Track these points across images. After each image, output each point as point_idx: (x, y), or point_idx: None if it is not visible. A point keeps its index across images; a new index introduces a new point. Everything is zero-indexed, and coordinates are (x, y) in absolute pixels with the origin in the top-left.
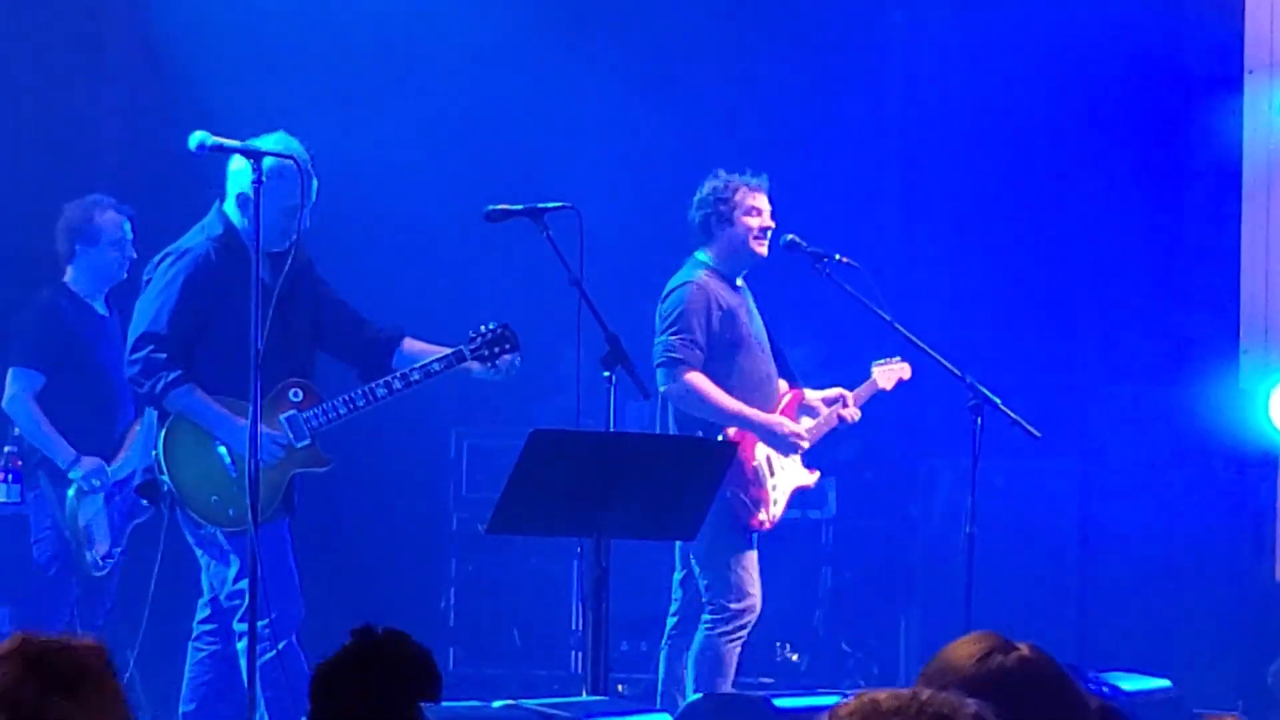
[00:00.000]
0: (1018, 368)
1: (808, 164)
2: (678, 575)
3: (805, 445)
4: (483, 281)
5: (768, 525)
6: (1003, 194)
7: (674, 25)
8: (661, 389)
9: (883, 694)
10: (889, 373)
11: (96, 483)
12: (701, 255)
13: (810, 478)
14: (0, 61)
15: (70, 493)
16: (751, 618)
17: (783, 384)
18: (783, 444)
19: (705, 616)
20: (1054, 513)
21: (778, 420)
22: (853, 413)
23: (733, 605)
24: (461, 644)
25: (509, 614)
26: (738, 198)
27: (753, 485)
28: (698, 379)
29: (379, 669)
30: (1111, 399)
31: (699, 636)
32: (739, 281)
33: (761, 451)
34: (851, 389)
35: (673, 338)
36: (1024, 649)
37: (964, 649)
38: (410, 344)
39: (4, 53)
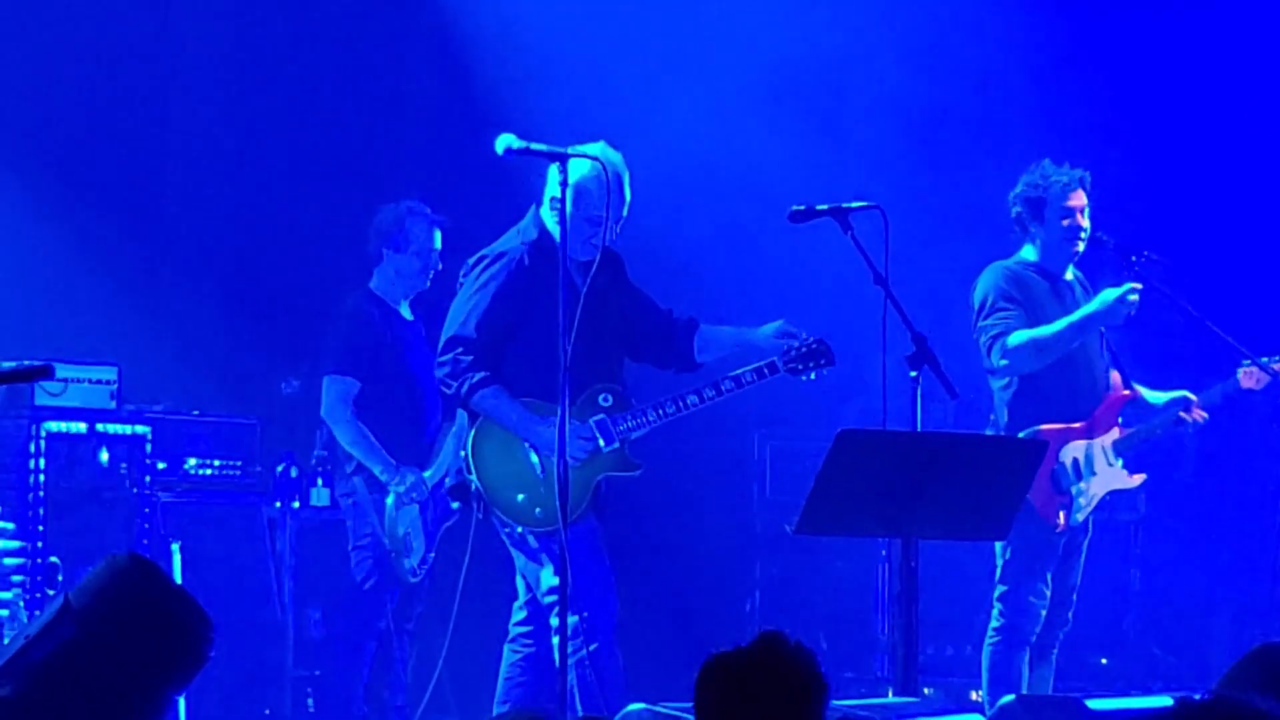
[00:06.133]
0: None
1: (1124, 158)
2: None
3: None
4: (788, 282)
5: (1061, 527)
6: None
7: (979, 17)
8: (1001, 365)
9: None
10: (1257, 374)
11: (415, 495)
12: (1022, 253)
13: (1131, 481)
14: (309, 67)
15: (389, 501)
16: (1022, 629)
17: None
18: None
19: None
20: None
21: (1100, 300)
22: (1198, 414)
23: (1004, 609)
24: None
25: (814, 616)
26: (1050, 196)
27: (1047, 488)
28: (1016, 336)
29: (780, 675)
30: None
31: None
32: (1068, 275)
33: (1069, 453)
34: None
35: (984, 320)
36: None
37: None
38: (706, 330)
39: (313, 60)
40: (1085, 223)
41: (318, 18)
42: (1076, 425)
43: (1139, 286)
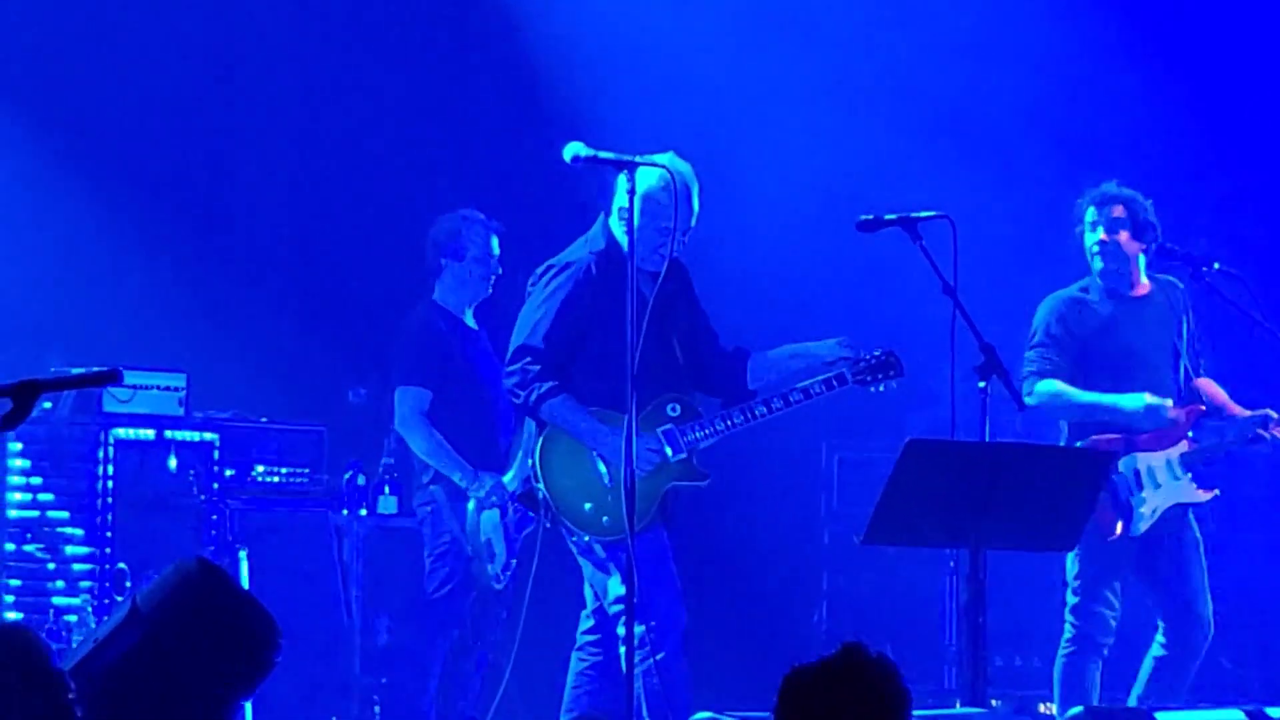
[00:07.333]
0: None
1: (1199, 169)
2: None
3: (1180, 418)
4: (856, 291)
5: (1116, 538)
6: None
7: (1053, 26)
8: (1028, 402)
9: None
10: None
11: (495, 499)
12: (1091, 273)
13: (1199, 495)
14: (377, 76)
15: (470, 507)
16: (1095, 639)
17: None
18: (1157, 419)
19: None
20: None
21: (1133, 400)
22: (1278, 431)
23: (1075, 620)
24: None
25: (882, 628)
26: (1078, 213)
27: (1103, 497)
28: (1047, 385)
29: (863, 687)
30: None
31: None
32: (1139, 291)
33: (1131, 464)
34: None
35: (1028, 352)
36: None
37: None
38: (757, 355)
39: (381, 68)
40: (1096, 237)
41: (383, 27)
42: (1142, 436)
43: (1172, 407)
